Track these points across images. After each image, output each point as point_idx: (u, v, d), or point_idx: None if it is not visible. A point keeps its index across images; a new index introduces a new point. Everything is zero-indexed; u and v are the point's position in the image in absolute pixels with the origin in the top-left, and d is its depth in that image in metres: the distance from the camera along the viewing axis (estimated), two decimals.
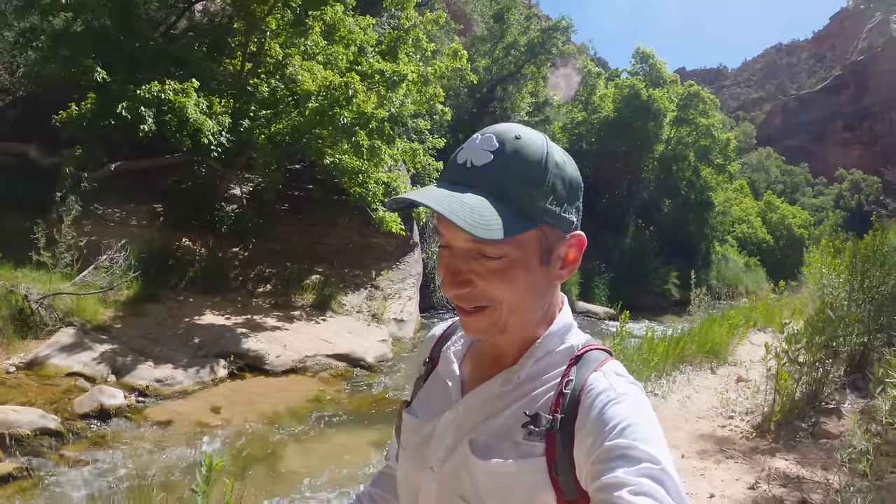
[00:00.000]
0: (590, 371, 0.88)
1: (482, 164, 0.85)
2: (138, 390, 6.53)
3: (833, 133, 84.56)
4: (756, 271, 33.60)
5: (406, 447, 1.05)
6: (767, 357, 5.39)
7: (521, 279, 0.87)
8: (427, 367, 1.12)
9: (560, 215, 0.88)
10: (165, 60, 10.60)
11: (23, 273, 8.00)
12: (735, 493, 3.40)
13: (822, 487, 3.28)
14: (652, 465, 0.72)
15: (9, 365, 6.72)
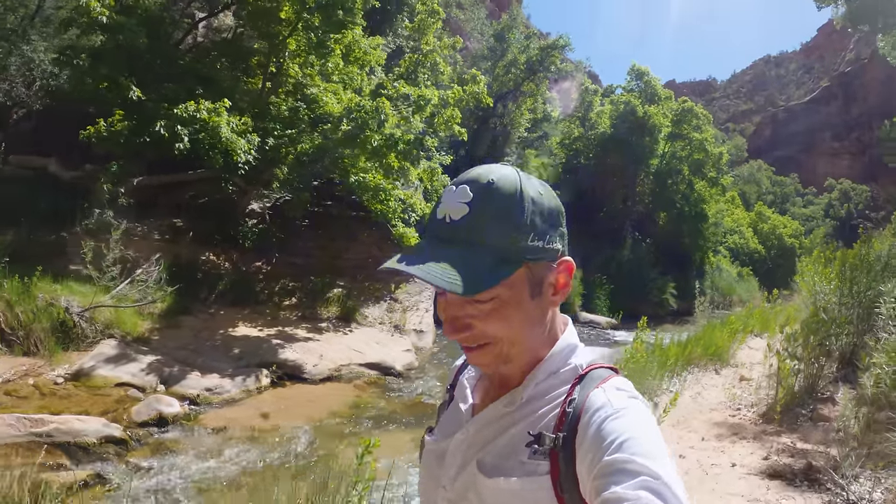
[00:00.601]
0: (591, 389, 0.92)
1: (459, 218, 0.89)
2: (189, 399, 6.94)
3: (822, 143, 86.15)
4: (748, 281, 34.50)
5: (424, 468, 1.11)
6: (769, 355, 6.16)
7: (515, 316, 0.92)
8: (449, 395, 1.18)
9: (544, 248, 0.92)
10: (192, 79, 11.15)
11: (62, 286, 8.34)
12: (752, 463, 4.14)
13: (823, 456, 4.03)
14: (650, 478, 0.74)
15: (55, 376, 7.10)
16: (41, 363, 7.30)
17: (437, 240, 0.91)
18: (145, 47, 10.79)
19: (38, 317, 7.65)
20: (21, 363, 7.21)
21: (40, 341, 7.56)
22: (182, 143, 9.31)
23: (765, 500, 3.51)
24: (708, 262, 30.07)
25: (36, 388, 6.76)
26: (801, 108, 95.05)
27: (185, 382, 7.22)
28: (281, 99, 11.45)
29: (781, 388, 5.54)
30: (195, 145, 9.50)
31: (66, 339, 7.82)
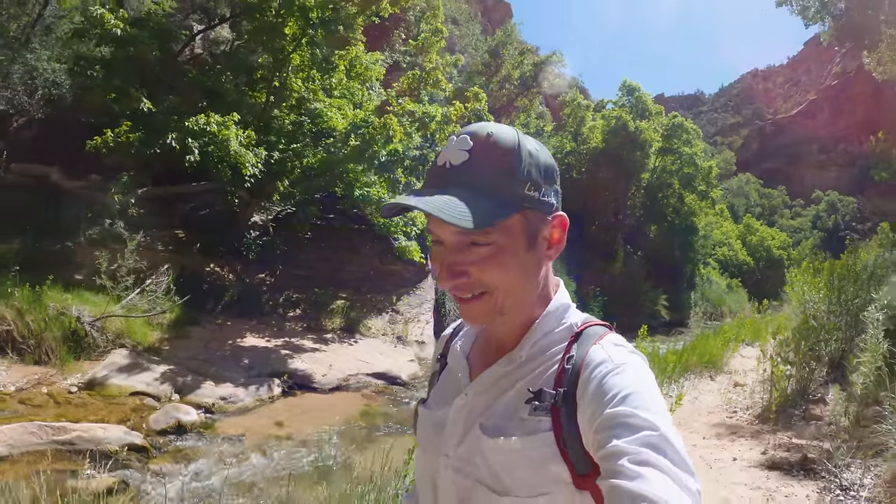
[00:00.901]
0: (590, 345, 0.94)
1: (459, 164, 0.92)
2: (205, 408, 7.11)
3: (809, 156, 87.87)
4: (738, 292, 35.14)
5: (421, 439, 1.12)
6: (762, 361, 6.55)
7: (511, 263, 0.94)
8: (440, 364, 1.19)
9: (539, 199, 0.95)
10: (198, 92, 11.47)
11: (73, 295, 8.49)
12: (751, 457, 4.51)
13: (817, 449, 4.39)
14: (651, 431, 0.76)
15: (69, 385, 7.22)
16: (53, 372, 7.41)
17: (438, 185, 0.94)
18: (156, 60, 11.06)
19: (50, 326, 7.78)
20: (33, 372, 7.35)
21: (52, 350, 7.68)
22: (192, 155, 9.56)
23: (765, 488, 3.88)
24: (698, 274, 30.66)
25: (50, 396, 6.89)
26: (789, 121, 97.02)
27: (200, 392, 7.43)
28: (283, 113, 11.78)
29: (776, 390, 5.92)
30: (204, 158, 9.75)
31: (77, 348, 7.96)
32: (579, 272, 20.85)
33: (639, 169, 25.61)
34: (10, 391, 6.72)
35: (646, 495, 0.70)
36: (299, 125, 11.49)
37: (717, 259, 39.07)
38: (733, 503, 3.67)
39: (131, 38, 10.24)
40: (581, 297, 19.63)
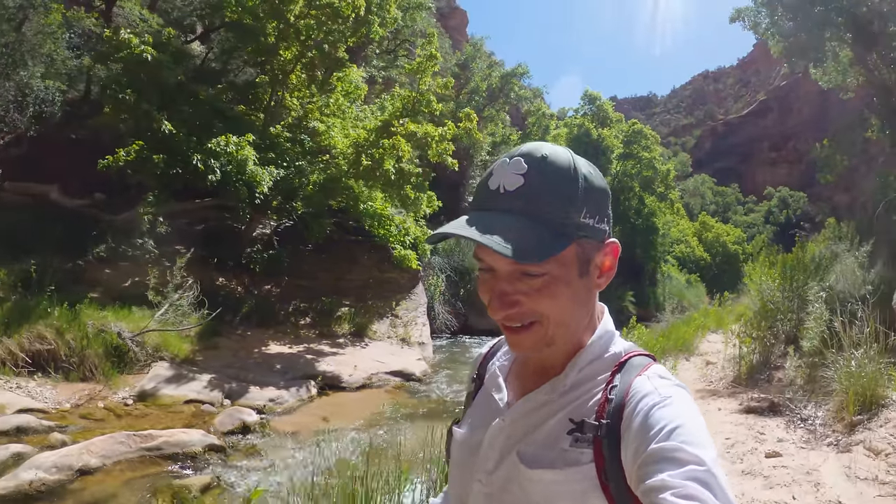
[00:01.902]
0: (634, 376, 0.93)
1: (514, 189, 0.90)
2: (257, 409, 7.73)
3: (760, 154, 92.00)
4: (697, 286, 37.39)
5: (454, 461, 1.11)
6: (729, 343, 8.03)
7: (563, 293, 0.93)
8: (475, 385, 1.19)
9: (594, 227, 0.93)
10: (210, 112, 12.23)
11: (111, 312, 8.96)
12: (732, 407, 5.98)
13: (780, 398, 5.85)
14: (697, 466, 0.76)
15: (122, 398, 7.68)
16: (101, 387, 7.78)
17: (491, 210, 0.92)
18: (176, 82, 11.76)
19: (91, 343, 8.12)
20: (81, 388, 7.67)
21: (95, 366, 8.01)
22: (214, 175, 10.46)
23: (746, 424, 5.33)
24: (659, 271, 32.58)
25: (108, 410, 7.33)
26: (740, 120, 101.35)
27: (249, 396, 8.22)
28: (280, 131, 12.72)
29: (744, 361, 7.40)
30: (225, 177, 10.61)
31: (120, 363, 8.37)
32: None
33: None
34: (66, 408, 7.13)
35: None
36: (300, 143, 12.54)
37: (676, 256, 41.26)
38: (726, 433, 5.09)
39: (157, 62, 10.94)
40: None
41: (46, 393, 7.43)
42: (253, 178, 10.73)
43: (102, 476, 5.37)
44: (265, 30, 12.78)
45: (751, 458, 4.57)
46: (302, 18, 12.54)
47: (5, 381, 7.33)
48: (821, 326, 5.98)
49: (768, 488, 4.03)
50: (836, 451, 4.55)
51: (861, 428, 4.69)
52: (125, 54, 10.79)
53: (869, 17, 14.20)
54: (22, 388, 7.34)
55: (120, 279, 11.04)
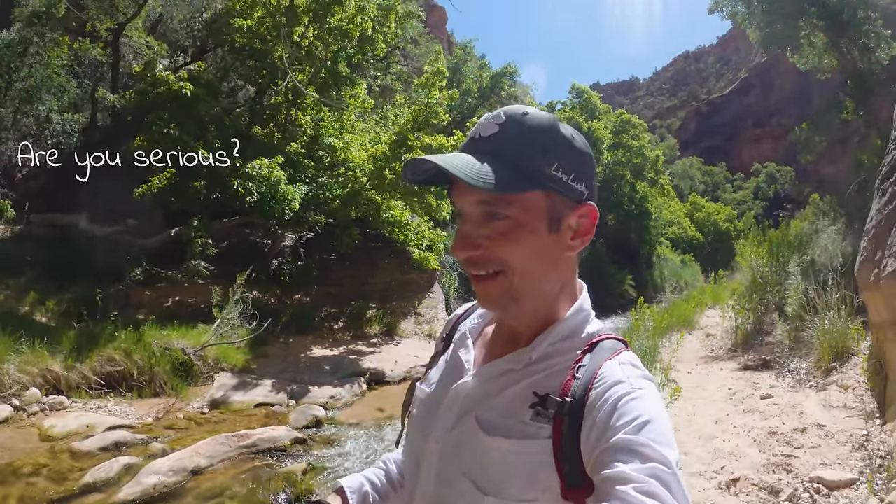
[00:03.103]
0: (604, 359, 0.94)
1: (489, 134, 0.94)
2: (321, 406, 8.49)
3: (745, 131, 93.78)
4: (691, 266, 38.71)
5: (413, 419, 1.15)
6: (726, 316, 9.40)
7: (527, 241, 0.94)
8: (444, 345, 1.22)
9: (567, 183, 0.94)
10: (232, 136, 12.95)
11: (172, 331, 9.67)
12: (731, 367, 7.39)
13: (771, 356, 7.25)
14: (662, 466, 0.78)
15: (197, 408, 8.34)
16: (173, 400, 8.38)
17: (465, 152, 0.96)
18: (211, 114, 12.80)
19: (158, 361, 8.80)
20: (156, 403, 8.28)
21: (164, 382, 8.70)
22: (252, 196, 11.52)
23: (744, 378, 6.73)
24: (655, 253, 34.00)
25: (188, 419, 7.97)
26: (723, 99, 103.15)
27: (311, 395, 9.04)
28: (297, 148, 13.73)
29: (739, 330, 8.78)
30: (261, 198, 11.62)
31: (187, 376, 9.09)
32: None
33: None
34: (149, 422, 7.70)
35: None
36: (318, 159, 13.67)
37: (669, 238, 42.47)
38: (728, 385, 6.48)
39: (195, 96, 11.97)
40: None
41: (126, 410, 8.01)
42: (284, 196, 11.80)
43: (212, 474, 6.03)
44: (274, 53, 13.76)
45: (749, 401, 5.95)
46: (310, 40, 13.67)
47: (84, 404, 7.94)
48: (799, 295, 7.38)
49: (764, 419, 5.39)
50: (816, 390, 5.93)
51: (835, 372, 6.07)
52: (163, 90, 11.77)
53: (839, 6, 15.51)
54: (102, 407, 7.96)
55: (161, 299, 11.95)
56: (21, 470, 6.01)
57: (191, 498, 5.60)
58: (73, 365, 8.37)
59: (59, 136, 13.77)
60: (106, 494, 5.51)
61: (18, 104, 13.28)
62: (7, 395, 7.55)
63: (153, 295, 12.11)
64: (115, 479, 5.75)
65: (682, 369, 7.95)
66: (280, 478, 5.94)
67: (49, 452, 6.48)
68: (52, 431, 6.97)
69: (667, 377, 6.96)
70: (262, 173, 11.68)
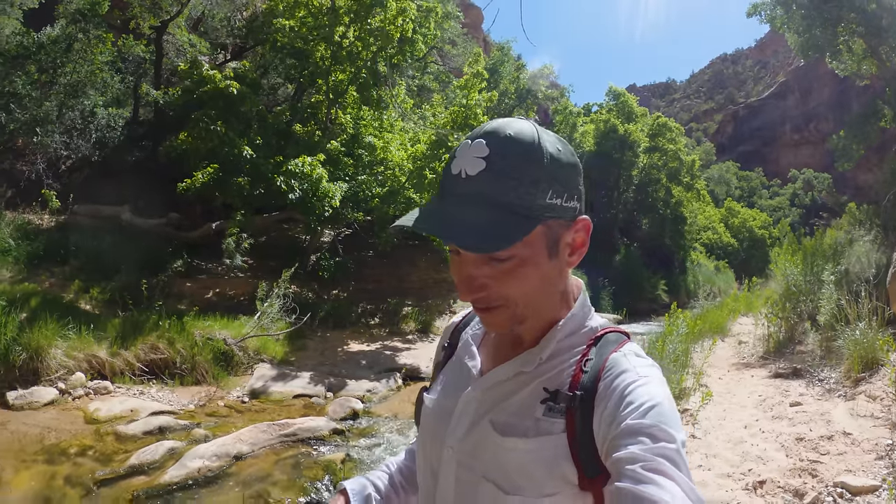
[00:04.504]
0: (609, 351, 0.99)
1: (476, 173, 0.91)
2: (358, 399, 8.66)
3: (783, 136, 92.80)
4: (725, 273, 38.63)
5: (424, 428, 1.16)
6: (759, 324, 9.54)
7: (532, 276, 0.96)
8: (446, 353, 1.24)
9: (562, 206, 0.95)
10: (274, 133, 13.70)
11: (214, 321, 10.07)
12: (762, 374, 7.56)
13: (802, 365, 7.42)
14: (669, 444, 0.83)
15: (236, 397, 8.55)
16: (214, 389, 8.66)
17: (452, 196, 0.93)
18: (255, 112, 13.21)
19: (200, 350, 9.11)
20: (197, 391, 8.56)
21: (206, 371, 9.00)
22: (294, 193, 11.87)
23: (774, 385, 6.92)
24: (689, 259, 33.88)
25: (229, 407, 8.20)
26: (760, 103, 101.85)
27: (348, 388, 9.26)
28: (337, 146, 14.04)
29: (771, 338, 8.94)
30: (303, 195, 11.97)
31: (227, 366, 9.42)
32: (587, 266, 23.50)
33: (629, 167, 28.81)
34: (191, 408, 7.96)
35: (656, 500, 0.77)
36: (358, 158, 13.98)
37: (703, 243, 42.38)
38: (759, 392, 6.69)
39: (241, 95, 12.47)
40: (592, 288, 22.68)
41: (168, 396, 8.28)
42: (325, 193, 12.13)
43: (253, 460, 6.23)
44: (316, 52, 14.21)
45: (778, 408, 6.16)
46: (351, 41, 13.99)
47: (127, 389, 8.25)
48: (831, 304, 7.55)
49: (792, 426, 5.60)
50: (844, 399, 6.11)
51: (863, 383, 6.25)
52: (210, 88, 12.24)
53: (878, 12, 15.47)
54: (145, 393, 8.25)
55: (202, 291, 12.37)
56: (68, 450, 6.29)
57: (233, 482, 5.81)
58: (117, 351, 8.72)
59: (103, 130, 14.39)
60: (151, 476, 5.75)
61: (63, 98, 13.75)
62: (53, 379, 7.87)
63: (194, 286, 12.54)
64: (159, 461, 5.99)
65: (714, 375, 8.14)
66: (320, 466, 6.14)
67: (94, 434, 6.76)
68: (97, 414, 7.27)
69: (698, 382, 7.17)
70: (304, 171, 12.01)
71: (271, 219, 13.95)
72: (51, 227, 13.31)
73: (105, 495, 5.43)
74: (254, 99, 13.10)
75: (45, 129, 13.57)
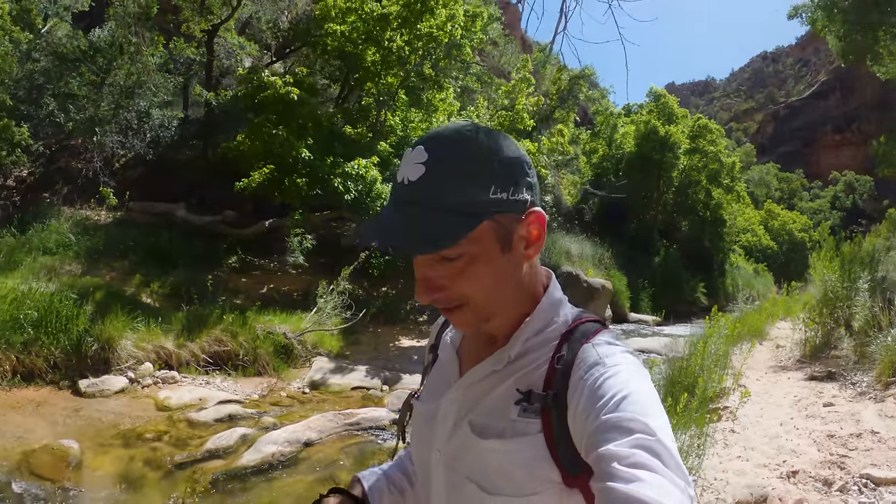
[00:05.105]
0: (581, 344, 0.99)
1: (417, 178, 0.94)
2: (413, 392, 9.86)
3: (824, 137, 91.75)
4: (764, 276, 38.76)
5: (414, 433, 1.20)
6: (797, 328, 10.01)
7: (485, 272, 0.98)
8: (432, 356, 1.27)
9: (509, 200, 0.96)
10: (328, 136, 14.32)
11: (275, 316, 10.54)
12: (798, 377, 8.07)
13: (836, 369, 7.95)
14: (647, 436, 0.81)
15: (297, 388, 8.97)
16: (275, 380, 9.12)
17: (397, 203, 0.98)
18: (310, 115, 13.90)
19: (262, 343, 9.63)
20: (259, 382, 8.99)
21: (266, 363, 9.49)
22: (349, 194, 12.53)
23: (809, 387, 7.45)
24: (728, 261, 34.01)
25: (291, 398, 8.60)
26: (802, 103, 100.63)
27: (403, 382, 9.50)
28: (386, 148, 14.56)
29: (808, 343, 9.43)
30: (358, 196, 12.62)
31: (287, 358, 9.88)
32: (627, 267, 24.26)
33: (669, 169, 28.88)
34: (255, 398, 8.39)
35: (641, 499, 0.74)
36: None
37: (742, 245, 42.37)
38: (794, 393, 7.24)
39: (302, 100, 13.18)
40: (632, 289, 23.04)
41: (232, 387, 8.69)
42: (379, 194, 12.74)
43: (321, 447, 6.66)
44: (366, 56, 14.85)
45: (812, 408, 6.70)
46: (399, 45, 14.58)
47: (192, 379, 8.72)
48: (865, 311, 8.04)
49: (824, 424, 6.14)
50: (874, 402, 6.63)
51: (893, 386, 6.76)
52: (270, 93, 12.96)
53: None
54: (210, 383, 8.67)
55: (257, 286, 12.90)
56: (144, 435, 6.74)
57: (304, 466, 6.26)
58: (183, 343, 9.30)
59: (157, 130, 15.27)
60: (227, 460, 6.19)
61: (119, 99, 14.65)
62: (123, 368, 8.42)
63: (248, 282, 13.08)
64: (234, 447, 6.43)
65: (752, 376, 8.66)
66: (384, 452, 6.57)
67: (167, 421, 7.23)
68: (167, 402, 7.75)
69: (737, 382, 7.71)
70: (360, 172, 12.66)
71: (322, 217, 14.43)
72: (108, 223, 14.15)
73: (184, 477, 5.84)
74: (312, 104, 13.78)
75: (103, 129, 14.47)
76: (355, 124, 15.97)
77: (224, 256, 13.18)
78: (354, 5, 14.43)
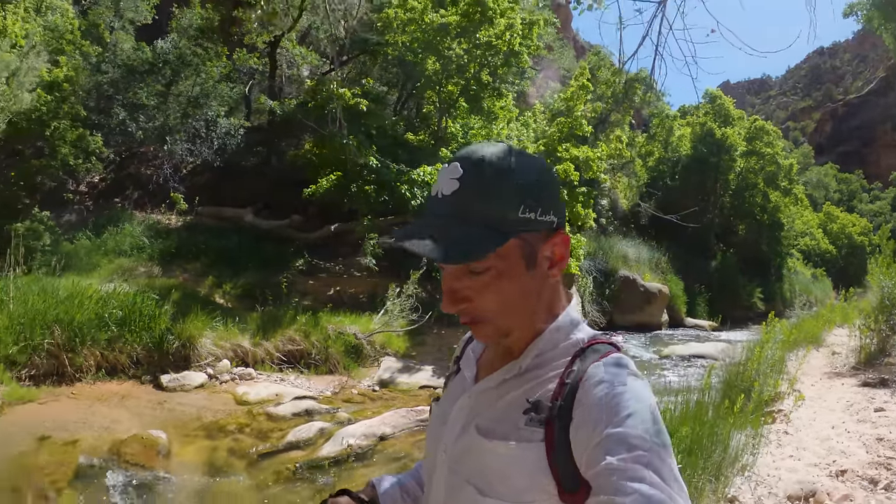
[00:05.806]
0: (591, 363, 1.01)
1: (451, 193, 0.99)
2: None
3: (884, 135, 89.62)
4: (823, 281, 38.24)
5: (428, 434, 1.25)
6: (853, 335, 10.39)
7: (509, 288, 1.02)
8: (456, 366, 1.30)
9: (536, 220, 1.00)
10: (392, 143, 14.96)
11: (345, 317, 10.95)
12: (851, 383, 8.50)
13: (890, 376, 8.42)
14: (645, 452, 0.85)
15: (367, 386, 9.38)
16: (345, 378, 9.50)
17: (431, 216, 1.03)
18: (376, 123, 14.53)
19: (333, 343, 10.05)
20: (331, 380, 9.39)
21: (337, 361, 9.92)
22: (416, 201, 12.91)
23: (861, 393, 7.89)
24: (785, 266, 33.66)
25: (362, 395, 9.01)
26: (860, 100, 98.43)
27: None
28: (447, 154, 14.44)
29: (863, 350, 9.84)
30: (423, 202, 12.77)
31: (357, 358, 10.27)
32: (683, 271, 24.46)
33: (726, 171, 28.86)
34: (328, 395, 8.80)
35: None
36: None
37: (800, 249, 41.73)
38: (847, 398, 7.75)
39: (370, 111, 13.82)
40: (688, 294, 23.29)
41: (306, 384, 9.09)
42: None
43: (394, 441, 7.01)
44: (426, 65, 15.44)
45: (863, 412, 7.18)
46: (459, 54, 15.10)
47: (268, 376, 9.20)
48: None
49: (874, 428, 6.61)
50: None
51: None
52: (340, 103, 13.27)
53: None
54: (284, 380, 9.13)
55: (324, 289, 13.23)
56: (226, 427, 7.20)
57: (380, 458, 6.67)
58: (259, 342, 9.81)
59: (223, 138, 15.76)
60: (307, 451, 6.61)
61: (186, 108, 15.35)
62: (202, 365, 9.00)
63: (315, 284, 13.41)
64: (313, 439, 6.86)
65: (807, 382, 9.08)
66: None
67: (247, 414, 7.68)
68: (246, 397, 8.23)
69: (792, 387, 8.21)
70: (425, 179, 13.19)
71: (388, 222, 14.68)
72: (179, 227, 14.75)
73: (267, 467, 6.27)
74: (379, 114, 14.48)
75: (173, 138, 15.18)
76: (416, 131, 16.61)
77: (292, 259, 13.52)
78: (415, 16, 15.01)
